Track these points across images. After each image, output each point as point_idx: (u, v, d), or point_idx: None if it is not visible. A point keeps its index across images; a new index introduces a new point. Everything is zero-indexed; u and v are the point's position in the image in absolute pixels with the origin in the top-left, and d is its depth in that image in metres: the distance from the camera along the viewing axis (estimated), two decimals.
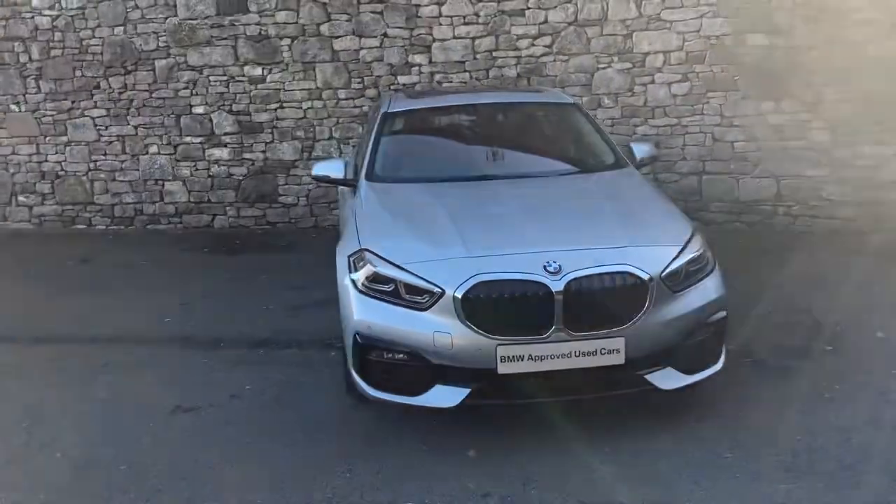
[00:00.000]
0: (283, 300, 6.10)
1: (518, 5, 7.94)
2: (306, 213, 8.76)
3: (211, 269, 7.19)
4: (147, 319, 5.78)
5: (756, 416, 3.81)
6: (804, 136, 7.72)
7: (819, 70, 7.55)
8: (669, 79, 7.84)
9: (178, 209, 8.98)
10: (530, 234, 3.79)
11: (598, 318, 3.49)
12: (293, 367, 4.73)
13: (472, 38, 8.07)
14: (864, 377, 4.20)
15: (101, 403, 4.33)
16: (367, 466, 3.51)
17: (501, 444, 3.64)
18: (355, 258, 3.88)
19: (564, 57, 7.96)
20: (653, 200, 4.30)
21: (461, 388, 3.55)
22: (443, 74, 8.17)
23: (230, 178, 8.81)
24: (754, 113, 7.75)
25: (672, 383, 3.63)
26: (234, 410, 4.17)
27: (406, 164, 4.90)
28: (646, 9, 7.74)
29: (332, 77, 8.37)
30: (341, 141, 8.51)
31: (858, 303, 5.40)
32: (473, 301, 3.46)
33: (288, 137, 8.60)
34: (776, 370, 4.34)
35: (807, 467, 3.32)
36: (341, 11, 8.22)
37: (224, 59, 8.52)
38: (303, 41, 8.34)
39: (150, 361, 4.95)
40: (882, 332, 4.82)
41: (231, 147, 8.72)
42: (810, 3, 7.45)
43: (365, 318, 3.64)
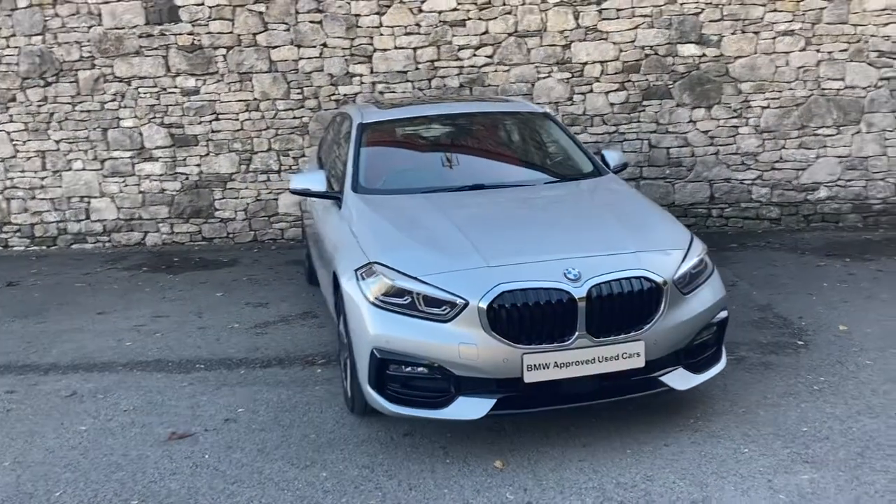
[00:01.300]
0: (246, 318, 5.92)
1: (459, 16, 8.01)
2: (245, 228, 8.53)
3: (156, 288, 6.89)
4: (103, 344, 5.49)
5: (757, 411, 3.96)
6: (734, 142, 8.11)
7: (746, 79, 7.96)
8: (607, 88, 8.08)
9: (107, 227, 8.57)
10: (544, 243, 3.83)
11: (618, 322, 3.55)
12: (281, 387, 4.59)
13: (413, 48, 8.07)
14: (842, 368, 4.44)
15: (84, 436, 4.07)
16: (397, 484, 3.44)
17: (524, 453, 3.65)
18: (363, 272, 3.80)
19: (506, 67, 8.08)
20: (646, 206, 4.41)
21: (485, 398, 3.54)
22: (385, 85, 8.14)
23: (163, 194, 8.48)
24: (687, 120, 8.09)
25: (685, 384, 3.74)
26: (234, 434, 4.00)
27: (391, 175, 4.84)
28: (583, 20, 7.95)
29: (270, 88, 8.20)
30: (281, 153, 8.35)
31: (811, 298, 5.71)
32: (497, 311, 3.46)
33: (224, 150, 8.36)
34: (759, 366, 4.54)
35: (822, 457, 3.48)
36: (279, 21, 8.07)
37: (154, 69, 8.21)
38: (239, 51, 8.13)
39: (121, 387, 4.70)
40: (844, 325, 5.11)
41: (163, 161, 8.40)
42: (737, 16, 7.85)
43: (383, 333, 3.58)
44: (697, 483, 3.32)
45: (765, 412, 3.95)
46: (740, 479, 3.34)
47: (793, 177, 8.14)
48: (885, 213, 8.12)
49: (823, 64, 7.88)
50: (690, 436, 3.74)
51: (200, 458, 3.76)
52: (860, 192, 8.10)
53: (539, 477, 3.44)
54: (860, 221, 8.13)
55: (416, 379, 3.61)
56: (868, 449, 3.53)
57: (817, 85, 7.93)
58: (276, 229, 8.53)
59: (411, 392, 3.64)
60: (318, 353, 5.09)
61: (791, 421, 3.84)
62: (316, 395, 4.45)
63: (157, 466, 3.70)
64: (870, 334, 4.94)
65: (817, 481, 3.29)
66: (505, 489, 3.35)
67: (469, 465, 3.58)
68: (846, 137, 8.00)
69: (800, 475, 3.35)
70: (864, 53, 7.83)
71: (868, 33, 7.80)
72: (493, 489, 3.36)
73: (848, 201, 8.13)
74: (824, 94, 7.94)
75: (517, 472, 3.50)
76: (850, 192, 8.11)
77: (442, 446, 3.76)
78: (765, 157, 8.12)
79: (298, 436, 3.95)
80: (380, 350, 3.58)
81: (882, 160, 8.03)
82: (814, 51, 7.86)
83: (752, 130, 8.07)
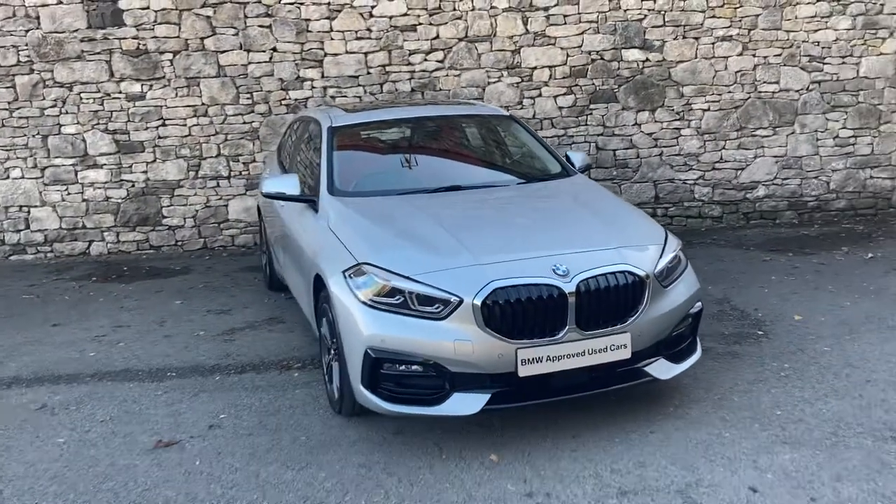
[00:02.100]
0: (211, 325, 5.84)
1: (410, 21, 8.07)
2: (194, 235, 8.39)
3: (110, 298, 6.72)
4: (64, 355, 5.34)
5: (731, 398, 4.15)
6: (676, 143, 8.40)
7: (687, 82, 8.26)
8: (555, 92, 8.26)
9: (48, 237, 8.31)
10: (529, 240, 3.92)
11: (604, 316, 3.67)
12: (261, 392, 4.56)
13: (364, 52, 8.10)
14: (803, 355, 4.68)
15: (64, 447, 3.96)
16: (398, 481, 3.47)
17: (517, 446, 3.73)
18: (352, 273, 3.82)
19: (456, 71, 8.18)
20: (621, 204, 4.56)
21: (480, 394, 3.60)
22: (336, 89, 8.13)
23: (108, 202, 8.27)
24: (633, 123, 8.35)
25: (667, 373, 3.89)
26: (221, 440, 3.96)
27: (365, 177, 4.87)
28: (532, 25, 8.12)
29: (218, 93, 8.09)
30: (231, 158, 8.24)
31: (764, 291, 5.98)
32: (491, 307, 3.54)
33: (172, 156, 8.20)
34: (726, 355, 4.74)
35: (799, 437, 3.67)
36: (227, 25, 7.98)
37: (98, 74, 8.00)
38: (186, 56, 8.00)
39: (93, 398, 4.58)
40: (798, 315, 5.37)
41: (108, 168, 8.19)
42: (678, 22, 8.14)
43: (378, 332, 3.61)
44: (688, 467, 3.46)
45: (738, 398, 4.14)
46: (727, 461, 3.49)
47: (732, 176, 8.48)
48: (818, 210, 8.53)
49: (759, 68, 8.25)
50: (673, 423, 3.89)
51: (192, 465, 3.71)
52: (795, 190, 8.50)
53: (536, 468, 3.52)
54: (796, 218, 8.53)
55: (411, 377, 3.66)
56: (840, 428, 3.75)
57: (754, 88, 8.28)
58: (227, 236, 8.41)
59: (406, 390, 3.68)
60: (292, 358, 5.07)
61: (764, 405, 4.03)
62: (297, 398, 4.44)
63: (148, 475, 3.64)
64: (823, 323, 5.21)
65: (798, 460, 3.47)
66: (504, 481, 3.43)
67: (465, 459, 3.64)
68: (781, 138, 8.39)
69: (781, 455, 3.52)
70: (797, 58, 8.23)
71: (800, 39, 8.19)
72: (494, 481, 3.43)
73: (784, 199, 8.51)
74: (761, 96, 8.30)
75: (513, 464, 3.57)
76: (786, 190, 8.50)
77: (435, 443, 3.81)
78: (706, 158, 8.44)
79: (288, 439, 3.94)
80: (374, 350, 3.61)
81: (815, 159, 8.44)
82: (750, 55, 8.21)
83: (693, 132, 8.38)
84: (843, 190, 8.52)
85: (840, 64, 8.25)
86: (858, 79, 8.28)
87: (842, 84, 8.29)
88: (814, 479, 3.31)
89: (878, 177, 8.51)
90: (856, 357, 4.60)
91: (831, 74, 8.27)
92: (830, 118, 8.35)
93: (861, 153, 8.44)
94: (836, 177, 8.49)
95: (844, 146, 8.42)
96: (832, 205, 8.54)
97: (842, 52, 8.22)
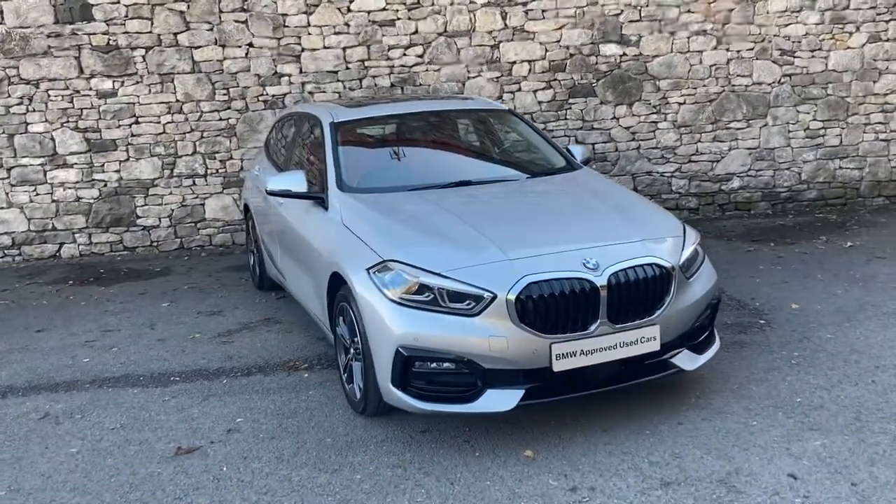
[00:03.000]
0: (204, 327, 5.70)
1: (388, 16, 7.99)
2: (170, 236, 8.18)
3: (92, 302, 6.51)
4: (57, 362, 5.15)
5: (749, 386, 4.20)
6: (654, 136, 8.50)
7: (664, 76, 8.36)
8: (535, 86, 8.28)
9: (16, 240, 8.01)
10: (554, 234, 3.91)
11: (634, 308, 3.68)
12: (273, 394, 4.46)
13: (343, 47, 8.00)
14: (810, 343, 4.77)
15: (78, 458, 3.81)
16: (436, 480, 3.43)
17: (549, 441, 3.71)
18: (377, 270, 3.76)
19: (436, 66, 8.13)
20: (635, 197, 4.58)
21: (514, 390, 3.58)
22: (315, 85, 8.02)
23: (79, 202, 8.01)
24: (611, 117, 8.42)
25: (692, 364, 3.92)
26: (243, 444, 3.86)
27: (373, 173, 4.80)
28: (511, 20, 8.12)
29: (193, 89, 7.90)
30: (207, 156, 8.06)
31: (755, 281, 6.09)
32: (525, 302, 3.52)
33: (146, 154, 7.99)
34: (734, 345, 4.80)
35: (824, 424, 3.74)
36: (202, 20, 7.79)
37: (66, 71, 7.74)
38: (159, 51, 7.79)
39: (97, 406, 4.43)
40: (795, 304, 5.48)
41: (79, 168, 7.94)
42: (654, 17, 8.23)
43: (410, 330, 3.55)
44: (724, 456, 3.49)
45: (756, 387, 4.20)
46: (760, 449, 3.54)
47: (708, 168, 8.62)
48: (791, 200, 8.73)
49: (733, 62, 8.39)
50: (699, 413, 3.92)
51: (219, 471, 3.61)
52: (769, 181, 8.68)
53: (573, 463, 3.52)
54: (769, 209, 8.71)
55: (442, 374, 3.61)
56: (861, 414, 3.83)
57: (728, 81, 8.43)
58: (204, 235, 8.23)
59: (437, 388, 3.64)
60: (298, 359, 4.98)
61: (783, 393, 4.10)
62: (313, 399, 4.36)
63: (175, 483, 3.53)
64: (821, 311, 5.32)
65: (829, 446, 3.53)
66: (545, 476, 3.41)
67: (499, 456, 3.62)
68: (755, 130, 8.56)
69: (811, 441, 3.58)
70: (769, 52, 8.40)
71: (771, 33, 8.36)
72: (534, 477, 3.41)
73: (758, 190, 8.69)
74: (734, 90, 8.45)
75: (550, 459, 3.56)
76: (759, 181, 8.67)
77: (465, 440, 3.78)
78: (682, 151, 8.56)
79: (313, 441, 3.86)
80: (406, 348, 3.56)
81: (787, 151, 8.63)
82: (724, 50, 8.35)
83: (670, 125, 8.49)
84: (813, 180, 8.73)
85: (810, 58, 8.44)
86: (827, 72, 8.49)
87: (811, 77, 8.49)
88: (849, 465, 3.37)
89: (846, 167, 8.74)
90: (860, 343, 4.70)
91: (801, 68, 8.46)
92: (801, 110, 8.55)
93: (830, 144, 8.66)
94: (807, 168, 8.70)
95: (815, 138, 8.63)
96: (804, 195, 8.74)
97: (811, 46, 8.41)
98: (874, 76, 8.53)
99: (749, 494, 3.18)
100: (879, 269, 6.24)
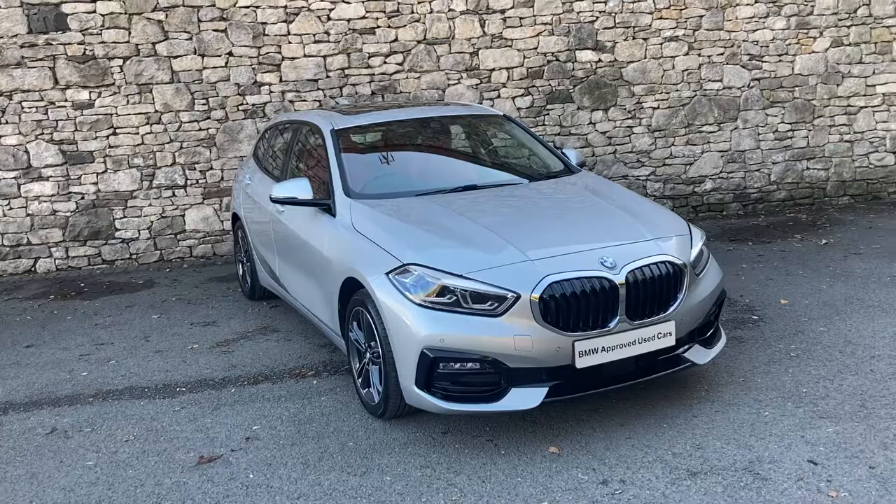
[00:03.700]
0: (201, 338, 5.65)
1: (368, 24, 8.03)
2: (149, 248, 8.08)
3: (78, 316, 6.40)
4: (54, 377, 5.06)
5: (754, 379, 4.33)
6: (629, 141, 8.68)
7: (638, 82, 8.55)
8: (513, 93, 8.40)
9: None
10: (570, 235, 3.99)
11: (650, 305, 3.78)
12: (284, 401, 4.45)
13: (323, 56, 8.01)
14: (804, 336, 4.93)
15: (98, 471, 3.76)
16: (468, 479, 3.47)
17: (571, 437, 3.78)
18: (397, 273, 3.80)
19: (416, 74, 8.19)
20: (639, 198, 4.68)
21: (538, 387, 3.64)
22: (295, 93, 8.01)
23: (55, 216, 7.86)
24: (588, 122, 8.57)
25: (704, 358, 4.04)
26: (265, 451, 3.85)
27: (378, 179, 4.83)
28: (489, 28, 8.22)
29: (172, 99, 7.83)
30: (187, 167, 7.98)
31: (741, 278, 6.26)
32: (547, 301, 3.59)
33: (124, 166, 7.88)
34: (733, 340, 4.93)
35: (833, 412, 3.88)
36: (180, 30, 7.73)
37: (41, 82, 7.61)
38: (137, 61, 7.71)
39: (105, 419, 4.37)
40: (784, 300, 5.66)
41: (54, 180, 7.79)
42: (628, 23, 8.41)
43: (436, 332, 3.59)
44: (744, 446, 3.60)
45: (761, 379, 4.33)
46: (777, 438, 3.66)
47: (682, 171, 8.83)
48: (761, 201, 8.98)
49: (704, 67, 8.62)
50: (711, 406, 4.04)
51: (246, 478, 3.60)
52: (740, 182, 8.92)
53: (598, 457, 3.59)
54: (741, 210, 8.95)
55: (467, 374, 3.66)
56: (867, 401, 3.98)
57: (700, 86, 8.65)
58: (185, 247, 8.14)
59: (462, 388, 3.68)
60: (303, 366, 4.98)
61: (788, 385, 4.23)
62: (326, 405, 4.36)
63: (203, 491, 3.51)
64: (809, 305, 5.50)
65: (842, 433, 3.67)
66: (574, 470, 3.48)
67: (525, 453, 3.67)
68: (726, 133, 8.79)
69: (825, 429, 3.72)
70: (738, 57, 8.64)
71: (740, 39, 8.61)
72: (564, 472, 3.48)
73: (730, 192, 8.92)
74: (706, 94, 8.67)
75: (575, 454, 3.63)
76: (731, 183, 8.91)
77: (488, 439, 3.83)
78: (657, 154, 8.75)
79: (336, 445, 3.87)
80: (432, 349, 3.60)
81: (757, 153, 8.88)
82: (696, 55, 8.57)
83: (644, 130, 8.67)
84: (783, 181, 8.99)
85: (777, 62, 8.71)
86: (794, 76, 8.77)
87: (779, 81, 8.76)
88: (863, 449, 3.51)
89: (813, 168, 9.02)
90: (852, 335, 4.88)
91: (769, 72, 8.72)
92: (770, 113, 8.81)
93: (798, 146, 8.94)
94: (776, 169, 8.96)
95: (783, 140, 8.90)
96: (773, 196, 9.00)
97: (778, 51, 8.68)
98: (838, 79, 8.83)
99: (775, 481, 3.29)
100: (857, 264, 6.47)
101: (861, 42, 8.78)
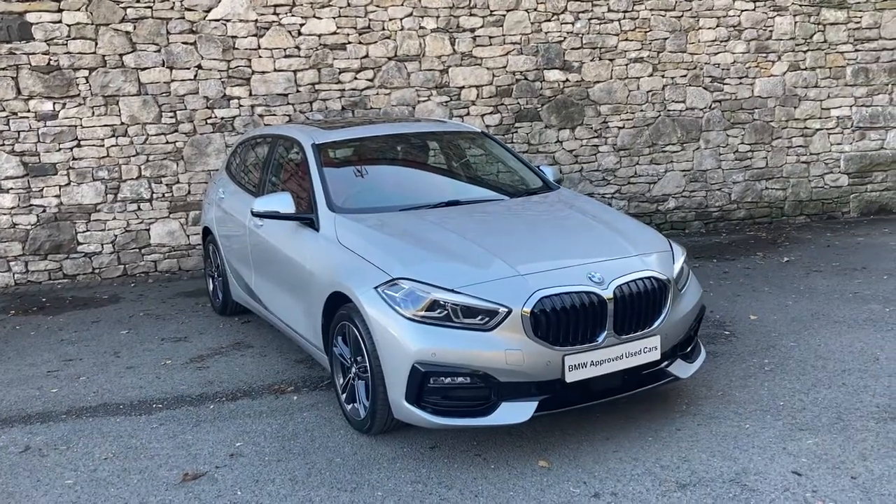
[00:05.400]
0: (173, 354, 5.56)
1: (339, 40, 8.04)
2: (113, 262, 7.92)
3: (42, 331, 6.24)
4: (23, 394, 4.93)
5: (732, 393, 4.42)
6: (595, 159, 8.82)
7: (604, 101, 8.70)
8: (482, 111, 8.48)
9: None
10: (557, 250, 4.04)
11: (636, 320, 3.84)
12: (266, 417, 4.40)
13: (294, 70, 7.99)
14: (776, 351, 5.05)
15: (78, 490, 3.65)
16: (460, 493, 3.47)
17: (559, 451, 3.81)
18: (386, 288, 3.80)
19: (387, 90, 8.22)
20: (620, 215, 4.75)
21: (528, 402, 3.67)
22: (265, 108, 7.97)
23: (15, 229, 7.67)
24: (555, 140, 8.69)
25: (686, 372, 4.11)
26: (250, 468, 3.80)
27: (362, 193, 4.82)
28: (459, 46, 8.29)
29: (139, 112, 7.72)
30: (153, 180, 7.87)
31: (709, 294, 6.37)
32: (538, 316, 3.63)
33: (88, 179, 7.73)
34: (707, 355, 5.00)
35: (811, 424, 3.99)
36: (149, 42, 7.64)
37: (3, 92, 7.44)
38: (104, 73, 7.59)
39: (81, 436, 4.25)
40: (754, 315, 5.79)
41: (15, 192, 7.61)
42: (595, 44, 8.57)
43: (427, 347, 3.60)
44: (729, 458, 3.68)
45: (739, 393, 4.42)
46: (760, 450, 3.74)
47: (646, 190, 8.99)
48: (722, 220, 9.19)
49: (668, 88, 8.81)
50: (693, 419, 4.11)
51: (234, 496, 3.55)
52: (702, 201, 9.12)
53: (588, 470, 3.63)
54: (703, 228, 9.15)
55: (457, 389, 3.67)
56: (842, 413, 4.09)
57: (664, 107, 8.84)
58: (149, 261, 8.00)
59: (452, 403, 3.69)
60: (282, 381, 4.93)
61: (765, 398, 4.33)
62: (309, 421, 4.33)
63: None
64: (777, 321, 5.64)
65: (822, 444, 3.77)
66: (566, 484, 3.51)
67: (514, 467, 3.69)
68: (689, 153, 8.99)
69: (805, 440, 3.81)
70: (700, 79, 8.86)
71: (703, 61, 8.84)
72: (555, 486, 3.50)
73: (692, 210, 9.11)
74: (670, 114, 8.87)
75: (564, 468, 3.66)
76: (693, 201, 9.10)
77: (476, 454, 3.84)
78: (622, 173, 8.90)
79: (323, 461, 3.84)
80: (423, 364, 3.60)
81: (718, 172, 9.10)
82: (660, 76, 8.77)
83: (610, 149, 8.82)
84: (742, 200, 9.22)
85: (738, 84, 8.96)
86: (753, 98, 9.02)
87: (739, 103, 9.00)
88: (844, 460, 3.60)
89: (772, 188, 9.27)
90: (822, 350, 5.02)
91: (730, 94, 8.96)
92: (731, 134, 9.04)
93: (757, 166, 9.18)
94: (736, 188, 9.18)
95: (743, 160, 9.13)
96: (734, 214, 9.22)
97: (739, 74, 8.93)
98: (795, 102, 9.11)
99: (762, 492, 3.36)
100: (819, 281, 6.65)
101: (817, 66, 9.08)
